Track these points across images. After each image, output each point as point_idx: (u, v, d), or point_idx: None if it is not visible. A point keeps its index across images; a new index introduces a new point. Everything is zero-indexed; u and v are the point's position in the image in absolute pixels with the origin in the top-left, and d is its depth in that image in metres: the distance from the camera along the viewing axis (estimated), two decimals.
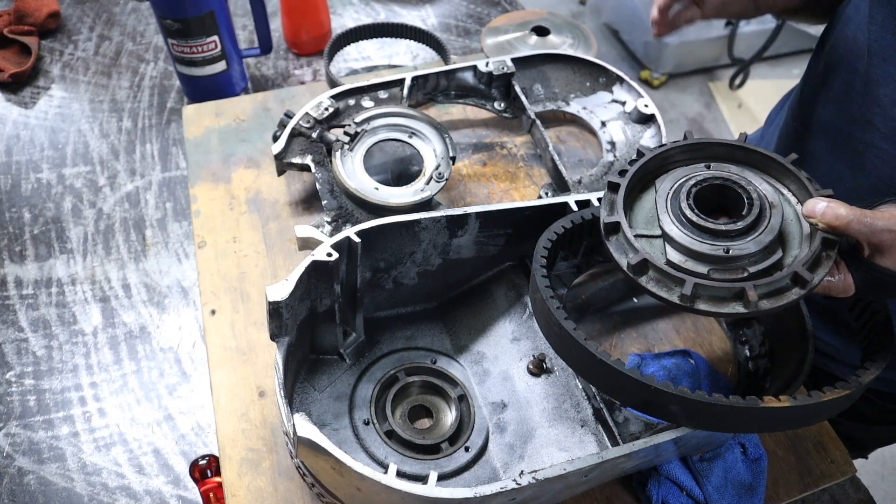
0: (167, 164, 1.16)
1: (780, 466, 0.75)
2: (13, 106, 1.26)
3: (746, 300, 0.55)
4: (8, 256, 1.03)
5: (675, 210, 0.61)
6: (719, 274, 0.57)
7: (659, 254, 0.60)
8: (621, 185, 0.63)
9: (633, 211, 0.64)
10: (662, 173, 0.66)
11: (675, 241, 0.59)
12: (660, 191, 0.63)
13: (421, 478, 0.67)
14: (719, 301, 0.56)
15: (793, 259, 0.59)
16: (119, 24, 1.44)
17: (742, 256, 0.57)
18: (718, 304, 0.56)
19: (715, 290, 0.56)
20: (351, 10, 1.50)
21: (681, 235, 0.59)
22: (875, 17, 0.71)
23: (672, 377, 0.76)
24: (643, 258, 0.58)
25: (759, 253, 0.58)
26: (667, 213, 0.61)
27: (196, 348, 0.93)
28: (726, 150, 0.65)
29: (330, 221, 0.85)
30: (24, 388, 0.89)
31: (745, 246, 0.58)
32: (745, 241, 0.58)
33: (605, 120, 1.05)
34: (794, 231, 0.60)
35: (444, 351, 0.79)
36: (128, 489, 0.81)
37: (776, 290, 0.56)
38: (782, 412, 0.55)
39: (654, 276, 0.58)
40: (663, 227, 0.60)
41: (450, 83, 1.03)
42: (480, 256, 0.79)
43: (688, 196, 0.61)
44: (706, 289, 0.56)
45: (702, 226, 0.59)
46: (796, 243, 0.60)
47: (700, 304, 0.56)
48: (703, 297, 0.56)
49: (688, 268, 0.58)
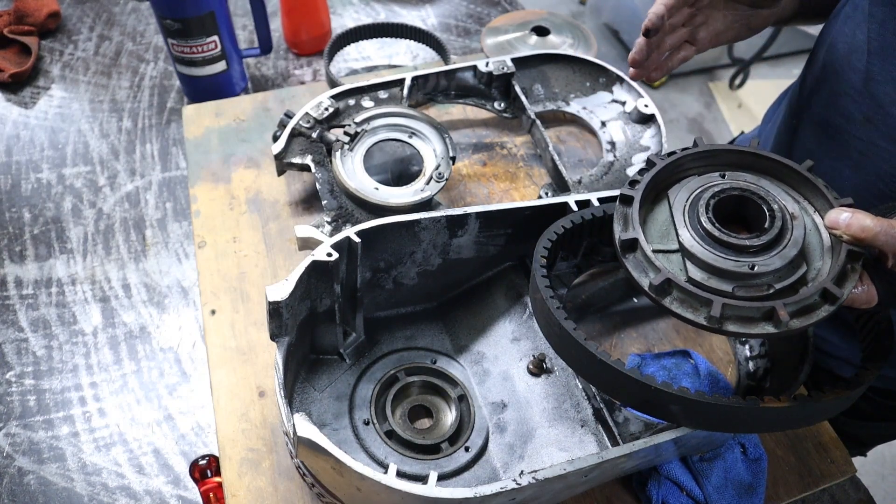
0: (167, 164, 1.16)
1: (780, 466, 0.75)
2: (13, 106, 1.26)
3: (777, 320, 0.52)
4: (8, 256, 1.03)
5: (693, 224, 0.58)
6: (743, 291, 0.55)
7: (678, 270, 0.58)
8: (635, 199, 0.60)
9: (646, 224, 0.62)
10: (675, 183, 0.63)
11: (696, 256, 0.56)
12: (675, 203, 0.61)
13: (421, 478, 0.67)
14: (748, 322, 0.53)
15: (816, 273, 0.56)
16: (119, 24, 1.44)
17: (767, 273, 0.55)
18: (748, 325, 0.53)
19: (744, 310, 0.53)
20: (351, 10, 1.50)
21: (702, 251, 0.56)
22: (875, 14, 0.71)
23: (672, 377, 0.76)
24: (666, 277, 0.55)
25: (783, 269, 0.55)
26: (685, 227, 0.58)
27: (196, 348, 0.93)
28: (740, 157, 0.63)
29: (330, 221, 0.85)
30: (24, 388, 0.89)
31: (770, 262, 0.55)
32: (769, 256, 0.56)
33: (605, 120, 1.05)
34: (815, 242, 0.58)
35: (444, 351, 0.79)
36: (128, 489, 0.81)
37: (805, 307, 0.53)
38: (782, 412, 0.55)
39: (679, 296, 0.55)
40: (682, 242, 0.58)
41: (450, 83, 1.03)
42: (480, 256, 0.79)
43: (707, 209, 0.58)
44: (734, 309, 0.53)
45: (724, 241, 0.56)
46: (818, 255, 0.57)
47: (729, 325, 0.53)
48: (732, 318, 0.53)
49: (711, 286, 0.55)
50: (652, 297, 0.56)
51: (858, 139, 0.75)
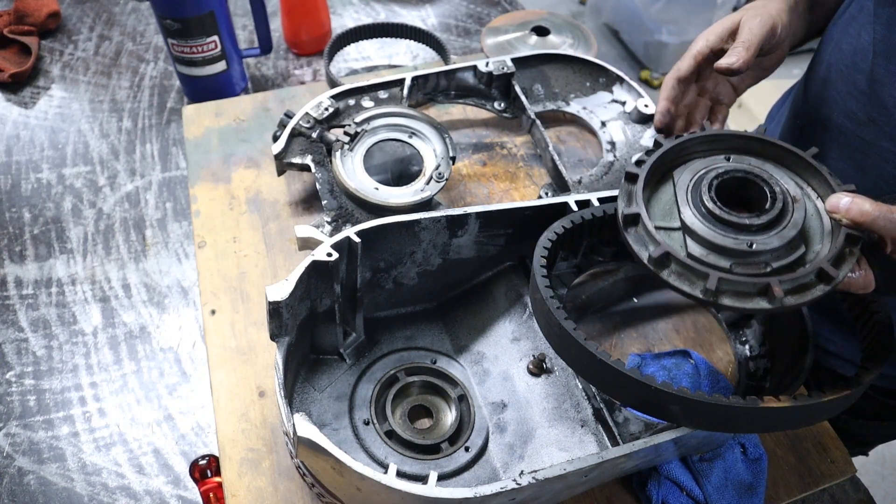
0: (167, 164, 1.16)
1: (780, 466, 0.75)
2: (13, 106, 1.26)
3: (771, 295, 0.53)
4: (8, 256, 1.03)
5: (696, 202, 0.60)
6: (741, 269, 0.56)
7: (679, 247, 0.59)
8: (640, 176, 0.62)
9: (649, 203, 0.63)
10: (680, 164, 0.65)
11: (696, 234, 0.58)
12: (679, 182, 0.62)
13: (421, 478, 0.67)
14: (743, 296, 0.55)
15: (814, 255, 0.58)
16: (119, 24, 1.44)
17: (765, 251, 0.56)
18: (742, 300, 0.55)
19: (739, 285, 0.54)
20: (351, 10, 1.50)
21: (703, 228, 0.58)
22: (880, 15, 0.71)
23: (672, 377, 0.76)
24: (665, 251, 0.56)
25: (782, 248, 0.57)
26: (688, 205, 0.60)
27: (196, 348, 0.93)
28: (745, 142, 0.64)
29: (330, 221, 0.85)
30: (24, 388, 0.89)
31: (768, 241, 0.56)
32: (768, 235, 0.57)
33: (605, 120, 1.05)
34: (816, 226, 0.59)
35: (444, 351, 0.79)
36: (128, 489, 0.81)
37: (801, 285, 0.55)
38: (782, 412, 0.55)
39: (677, 269, 0.57)
40: (684, 219, 0.59)
41: (450, 83, 1.03)
42: (480, 256, 0.79)
43: (709, 188, 0.60)
44: (730, 283, 0.55)
45: (724, 219, 0.58)
46: (818, 239, 0.59)
47: (724, 299, 0.55)
48: (727, 293, 0.55)
49: (709, 261, 0.57)
50: (650, 270, 0.57)
51: (862, 140, 0.75)
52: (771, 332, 0.79)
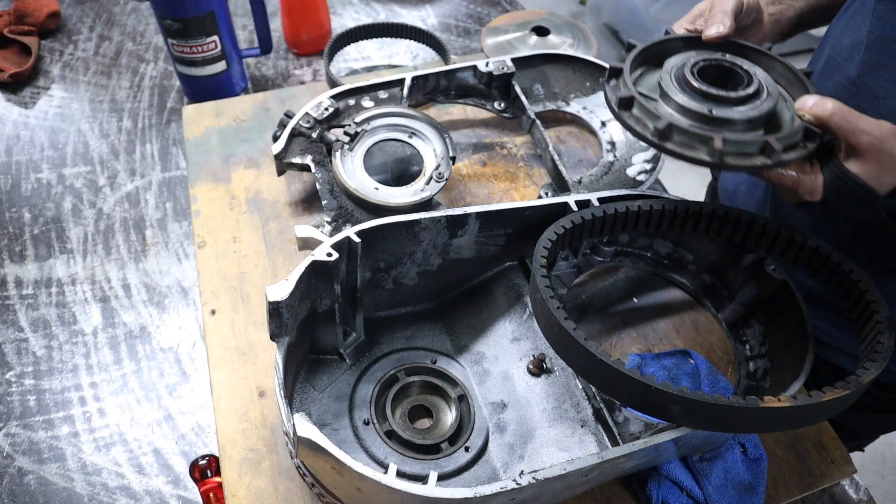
0: (167, 164, 1.16)
1: (780, 466, 0.75)
2: (13, 106, 1.26)
3: (771, 150, 0.58)
4: (8, 256, 1.03)
5: (680, 82, 0.63)
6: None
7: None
8: (626, 60, 0.67)
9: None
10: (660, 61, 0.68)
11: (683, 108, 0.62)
12: (664, 68, 0.66)
13: (421, 478, 0.67)
14: (745, 156, 0.59)
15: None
16: (119, 24, 1.44)
17: (727, 120, 0.60)
18: (745, 159, 0.59)
19: (742, 145, 0.59)
20: (351, 10, 1.50)
21: (686, 101, 0.62)
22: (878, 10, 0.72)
23: (672, 377, 0.76)
24: (668, 122, 0.60)
25: (743, 123, 0.61)
26: (672, 85, 0.63)
27: (196, 348, 0.93)
28: (737, 48, 0.68)
29: (330, 221, 0.85)
30: (24, 388, 0.89)
31: (732, 113, 0.60)
32: (745, 108, 0.61)
33: (605, 120, 1.05)
34: (787, 120, 0.64)
35: (444, 351, 0.79)
36: (128, 489, 0.81)
37: (744, 152, 0.59)
38: (782, 412, 0.55)
39: (679, 139, 0.60)
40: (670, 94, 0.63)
41: (450, 83, 1.03)
42: (480, 256, 0.79)
43: (693, 71, 0.64)
44: (733, 145, 0.59)
45: (704, 91, 0.61)
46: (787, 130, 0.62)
47: (729, 159, 0.59)
48: (731, 154, 0.59)
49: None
50: (655, 143, 0.61)
51: None
52: (771, 332, 0.80)
